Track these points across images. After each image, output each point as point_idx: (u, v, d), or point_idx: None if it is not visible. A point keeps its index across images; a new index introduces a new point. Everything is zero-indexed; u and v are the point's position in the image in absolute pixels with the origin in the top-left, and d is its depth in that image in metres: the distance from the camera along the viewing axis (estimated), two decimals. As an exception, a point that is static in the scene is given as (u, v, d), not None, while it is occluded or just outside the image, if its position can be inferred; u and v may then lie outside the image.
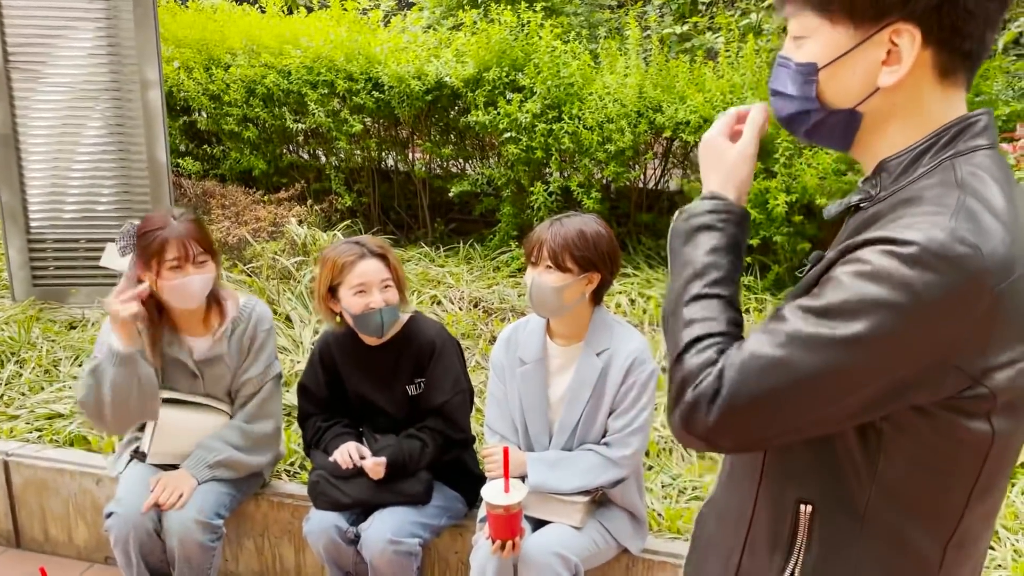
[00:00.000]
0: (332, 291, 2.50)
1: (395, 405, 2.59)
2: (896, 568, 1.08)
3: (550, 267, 2.26)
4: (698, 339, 1.08)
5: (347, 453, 2.50)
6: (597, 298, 2.37)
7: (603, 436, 2.37)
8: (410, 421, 2.58)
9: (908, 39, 1.01)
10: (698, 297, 1.12)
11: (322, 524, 2.49)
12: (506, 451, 2.19)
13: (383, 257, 2.48)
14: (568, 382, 2.37)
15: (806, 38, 1.09)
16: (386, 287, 2.47)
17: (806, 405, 0.99)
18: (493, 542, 2.22)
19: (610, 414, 2.35)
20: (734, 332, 1.10)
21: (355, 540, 2.47)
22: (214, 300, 2.66)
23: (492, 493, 2.17)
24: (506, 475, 2.16)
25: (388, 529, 2.40)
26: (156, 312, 2.59)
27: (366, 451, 2.51)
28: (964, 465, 1.03)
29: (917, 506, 1.05)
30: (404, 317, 2.60)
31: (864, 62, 1.04)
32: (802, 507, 1.10)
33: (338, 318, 2.54)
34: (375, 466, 2.45)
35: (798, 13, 1.09)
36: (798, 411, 1.00)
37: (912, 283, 0.93)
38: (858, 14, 1.03)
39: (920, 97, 1.04)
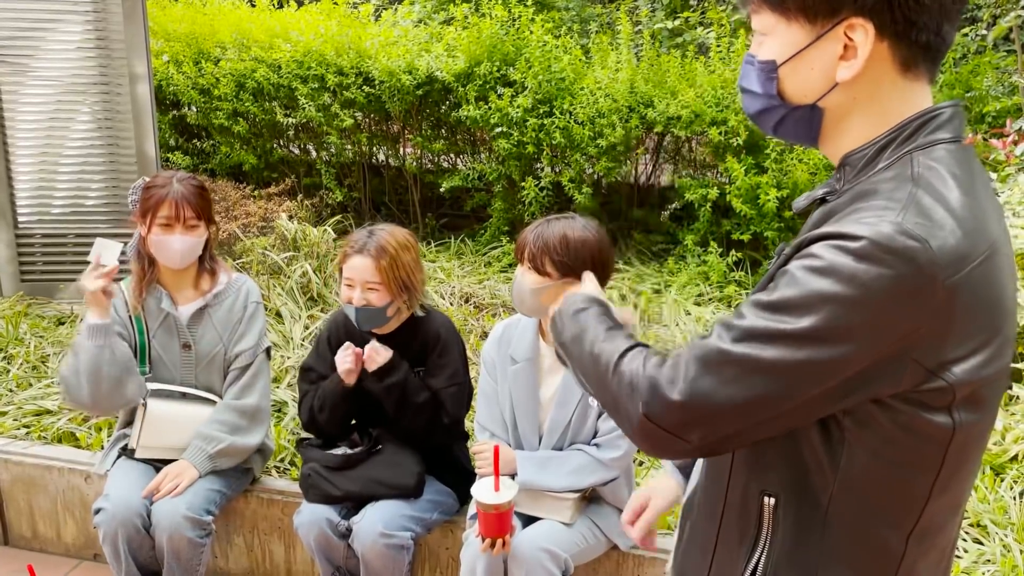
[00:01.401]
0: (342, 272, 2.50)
1: None
2: (859, 560, 1.09)
3: (530, 269, 2.24)
4: (627, 349, 1.12)
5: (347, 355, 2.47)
6: None
7: (593, 436, 2.36)
8: None
9: (862, 33, 1.01)
10: (604, 339, 1.17)
11: (313, 517, 2.48)
12: (496, 449, 2.18)
13: (376, 260, 2.41)
14: (559, 382, 2.36)
15: (766, 35, 1.10)
16: (369, 288, 2.42)
17: (765, 400, 1.00)
18: (483, 540, 2.22)
19: (600, 415, 2.35)
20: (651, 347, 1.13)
21: (346, 534, 2.47)
22: (207, 266, 2.71)
23: (482, 492, 2.16)
24: (496, 474, 2.15)
25: (379, 522, 2.39)
26: (147, 264, 2.64)
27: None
28: (926, 458, 1.04)
29: (879, 499, 1.07)
30: (403, 315, 2.55)
31: (821, 58, 1.05)
32: (766, 499, 1.11)
33: None
34: (374, 352, 2.44)
35: (758, 11, 1.10)
36: (758, 405, 1.01)
37: (860, 277, 0.94)
38: (812, 11, 1.04)
39: (881, 91, 1.05)
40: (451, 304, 4.43)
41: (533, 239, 2.22)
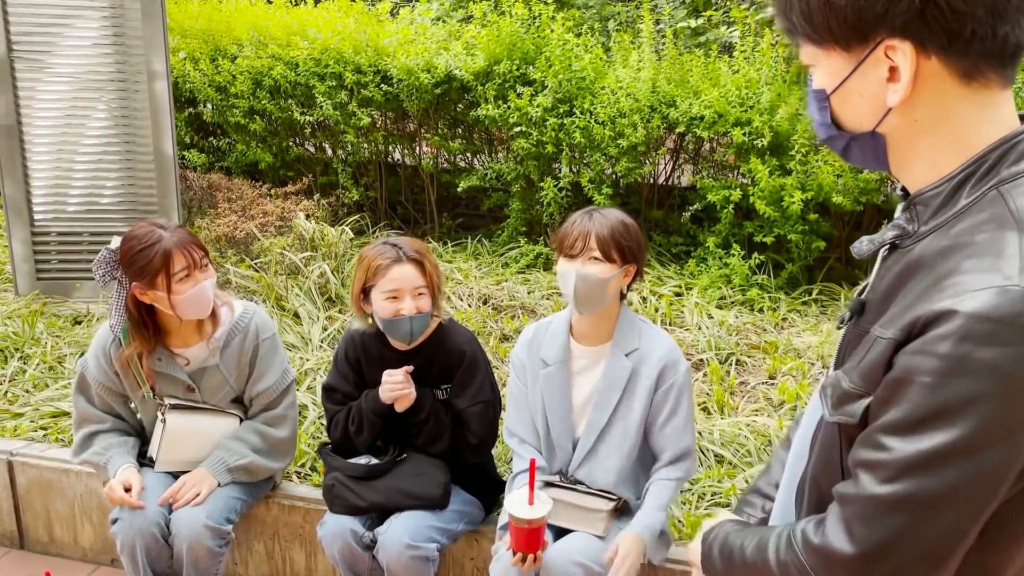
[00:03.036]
0: (365, 292, 2.42)
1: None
2: None
3: (597, 258, 2.19)
4: (772, 542, 1.10)
5: (392, 375, 2.42)
6: (622, 295, 2.33)
7: (652, 449, 2.34)
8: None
9: (901, 55, 0.95)
10: (750, 548, 1.15)
11: (337, 528, 2.42)
12: (533, 463, 2.12)
13: (419, 263, 2.39)
14: (594, 384, 2.31)
15: (814, 66, 1.05)
16: (419, 294, 2.38)
17: (956, 530, 0.93)
18: (514, 554, 2.16)
19: (647, 424, 2.30)
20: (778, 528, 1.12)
21: (371, 545, 2.41)
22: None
23: (516, 506, 2.09)
24: (531, 487, 2.09)
25: (405, 534, 2.34)
26: (152, 331, 2.50)
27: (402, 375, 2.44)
28: None
29: (1000, 550, 1.01)
30: (435, 322, 2.51)
31: (867, 84, 0.99)
32: None
33: (370, 319, 2.47)
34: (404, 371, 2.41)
35: (801, 43, 1.05)
36: (951, 538, 0.93)
37: (996, 363, 0.87)
38: (843, 39, 0.98)
39: (946, 108, 0.97)
40: (469, 306, 4.37)
41: (598, 227, 2.20)
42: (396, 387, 2.41)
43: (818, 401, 1.19)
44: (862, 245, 1.09)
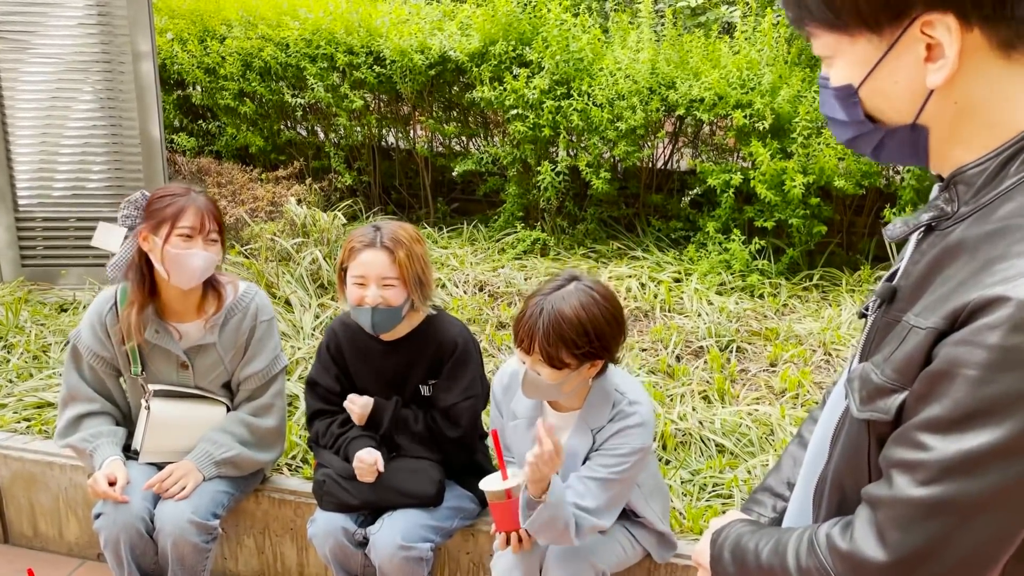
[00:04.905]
0: (345, 273, 2.32)
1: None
2: None
3: (542, 363, 1.92)
4: (791, 546, 1.03)
5: (367, 460, 2.30)
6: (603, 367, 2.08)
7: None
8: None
9: (943, 30, 0.86)
10: (764, 551, 1.08)
11: (328, 527, 2.34)
12: (495, 433, 2.05)
13: (391, 251, 2.25)
14: (563, 442, 2.09)
15: (833, 58, 0.96)
16: (386, 285, 2.25)
17: (999, 538, 0.86)
18: (503, 540, 2.09)
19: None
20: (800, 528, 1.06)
21: (363, 543, 2.33)
22: (212, 285, 2.50)
23: (490, 481, 2.04)
24: (501, 462, 2.03)
25: (398, 533, 2.26)
26: (148, 293, 2.42)
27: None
28: None
29: None
30: (419, 316, 2.40)
31: (903, 67, 0.90)
32: None
33: None
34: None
35: (815, 34, 0.96)
36: (991, 547, 0.86)
37: None
38: (873, 21, 0.89)
39: (987, 85, 0.89)
40: (465, 293, 4.29)
41: (544, 333, 1.88)
42: (365, 471, 2.30)
43: (838, 396, 1.11)
44: (895, 227, 0.99)
